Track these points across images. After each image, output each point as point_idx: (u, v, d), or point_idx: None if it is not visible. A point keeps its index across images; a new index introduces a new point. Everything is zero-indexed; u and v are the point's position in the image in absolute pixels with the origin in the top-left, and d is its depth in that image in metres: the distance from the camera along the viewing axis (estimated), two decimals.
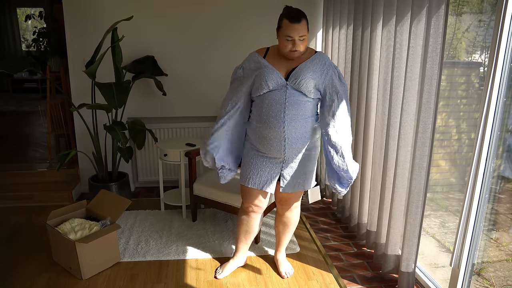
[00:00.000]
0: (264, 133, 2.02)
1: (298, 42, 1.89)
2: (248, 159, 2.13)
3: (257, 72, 2.01)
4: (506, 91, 1.76)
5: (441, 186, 3.25)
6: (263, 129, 2.02)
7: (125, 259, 2.54)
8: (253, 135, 2.09)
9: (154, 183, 3.85)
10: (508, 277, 2.39)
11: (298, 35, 1.87)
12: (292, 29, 1.86)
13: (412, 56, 2.02)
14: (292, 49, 1.91)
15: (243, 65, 2.08)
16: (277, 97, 1.97)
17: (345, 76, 3.05)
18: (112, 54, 3.09)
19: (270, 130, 2.00)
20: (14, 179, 3.57)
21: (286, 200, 2.24)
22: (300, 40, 1.89)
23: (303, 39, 1.90)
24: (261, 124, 2.03)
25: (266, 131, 2.01)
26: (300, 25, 1.86)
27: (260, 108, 2.03)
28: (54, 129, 3.95)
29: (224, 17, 3.51)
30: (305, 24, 1.89)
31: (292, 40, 1.89)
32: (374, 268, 2.52)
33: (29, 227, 2.99)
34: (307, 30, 1.91)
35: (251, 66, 2.05)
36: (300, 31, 1.87)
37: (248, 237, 2.35)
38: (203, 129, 3.67)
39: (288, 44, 1.90)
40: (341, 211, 3.17)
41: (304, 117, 2.00)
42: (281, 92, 1.96)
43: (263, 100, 2.01)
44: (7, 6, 8.31)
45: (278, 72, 1.97)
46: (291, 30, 1.86)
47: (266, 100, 1.99)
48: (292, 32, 1.86)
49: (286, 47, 1.91)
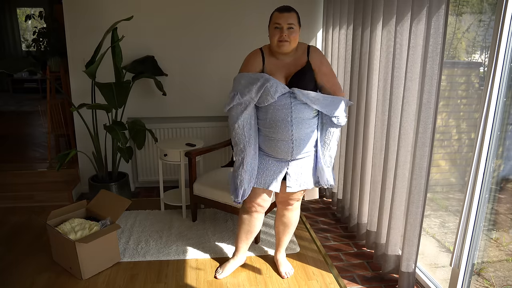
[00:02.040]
0: (272, 136, 2.03)
1: (286, 31, 1.90)
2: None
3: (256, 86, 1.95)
4: (506, 91, 1.76)
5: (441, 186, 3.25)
6: (271, 133, 2.02)
7: (125, 259, 2.54)
8: (260, 137, 2.09)
9: (154, 183, 3.85)
10: (508, 277, 2.39)
11: (286, 22, 1.89)
12: (281, 17, 1.90)
13: (412, 56, 2.02)
14: (280, 39, 1.91)
15: (238, 91, 1.99)
16: (282, 102, 1.97)
17: (345, 76, 3.05)
18: (112, 54, 3.09)
19: (278, 133, 2.00)
20: (14, 179, 3.57)
21: (288, 200, 2.24)
22: (288, 30, 1.90)
23: (292, 28, 1.91)
24: (268, 128, 2.03)
25: (274, 135, 2.02)
26: (289, 14, 1.91)
27: (265, 113, 2.02)
28: (54, 129, 3.95)
29: (224, 17, 3.51)
30: (294, 15, 1.92)
31: (280, 29, 1.90)
32: (374, 268, 2.52)
33: (29, 227, 2.99)
34: (297, 22, 1.94)
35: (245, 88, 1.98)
36: (289, 19, 1.90)
37: (249, 237, 2.35)
38: (203, 129, 3.67)
39: (277, 33, 1.92)
40: (341, 211, 3.17)
41: (309, 117, 2.02)
42: (286, 97, 1.96)
43: (268, 108, 2.00)
44: (7, 6, 8.31)
45: (280, 83, 1.95)
46: (279, 17, 1.91)
47: (272, 107, 1.99)
48: (280, 19, 1.90)
49: (275, 36, 1.93)
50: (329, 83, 2.06)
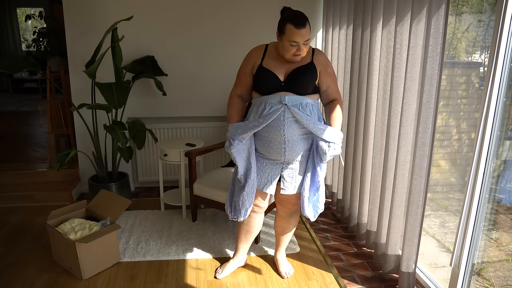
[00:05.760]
0: (265, 136, 2.02)
1: (302, 46, 1.88)
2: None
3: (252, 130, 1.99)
4: (506, 91, 1.76)
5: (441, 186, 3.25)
6: (263, 131, 2.02)
7: (125, 259, 2.54)
8: (254, 137, 2.09)
9: (154, 183, 3.85)
10: (508, 277, 2.39)
11: (303, 40, 1.86)
12: (298, 35, 1.83)
13: (412, 56, 2.02)
14: (296, 53, 1.90)
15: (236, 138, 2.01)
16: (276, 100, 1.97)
17: (345, 76, 3.05)
18: (112, 54, 3.09)
19: (271, 133, 2.00)
20: (14, 179, 3.57)
21: (286, 201, 2.24)
22: (304, 45, 1.88)
23: (307, 43, 1.90)
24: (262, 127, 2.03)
25: (267, 134, 2.01)
26: (305, 30, 1.84)
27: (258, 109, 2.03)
28: (54, 129, 3.95)
29: (224, 17, 3.51)
30: (308, 28, 1.87)
31: (296, 45, 1.88)
32: (374, 268, 2.52)
33: (29, 227, 2.99)
34: (309, 32, 1.90)
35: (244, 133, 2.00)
36: (305, 35, 1.85)
37: (248, 237, 2.35)
38: (203, 129, 3.67)
39: (292, 49, 1.89)
40: (340, 211, 3.17)
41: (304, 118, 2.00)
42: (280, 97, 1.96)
43: (261, 101, 2.01)
44: (7, 6, 8.31)
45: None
46: (296, 35, 1.83)
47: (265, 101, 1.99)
48: (298, 37, 1.84)
49: (290, 52, 1.89)
50: (333, 86, 2.08)
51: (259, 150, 2.09)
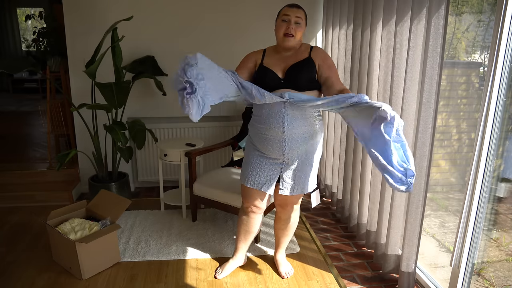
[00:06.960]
0: (264, 133, 2.02)
1: (293, 25, 1.94)
2: (249, 159, 2.13)
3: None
4: (506, 91, 1.76)
5: (441, 186, 3.25)
6: (263, 129, 2.02)
7: (125, 259, 2.54)
8: (254, 135, 2.09)
9: (154, 183, 3.85)
10: (508, 277, 2.39)
11: (294, 15, 1.94)
12: (290, 10, 1.95)
13: (412, 56, 2.02)
14: (287, 31, 1.94)
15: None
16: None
17: (345, 76, 3.05)
18: (112, 54, 3.09)
19: (270, 130, 1.99)
20: (14, 179, 3.58)
21: (286, 201, 2.23)
22: (296, 24, 1.94)
23: (299, 23, 1.95)
24: (262, 124, 2.03)
25: (266, 131, 2.01)
26: (298, 10, 1.97)
27: (260, 109, 2.03)
28: (54, 129, 3.95)
29: (224, 17, 3.51)
30: (303, 13, 1.98)
31: (288, 21, 1.94)
32: (374, 268, 2.52)
33: (29, 227, 2.99)
34: (304, 19, 1.99)
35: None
36: (297, 13, 1.95)
37: (248, 237, 2.35)
38: (203, 129, 3.67)
39: (283, 26, 1.95)
40: (340, 211, 3.17)
41: (304, 117, 1.99)
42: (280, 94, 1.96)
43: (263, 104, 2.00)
44: (7, 6, 8.32)
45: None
46: (288, 10, 1.96)
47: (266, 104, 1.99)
48: (289, 11, 1.95)
49: (281, 29, 1.96)
50: (335, 77, 1.98)
51: (258, 148, 2.09)
